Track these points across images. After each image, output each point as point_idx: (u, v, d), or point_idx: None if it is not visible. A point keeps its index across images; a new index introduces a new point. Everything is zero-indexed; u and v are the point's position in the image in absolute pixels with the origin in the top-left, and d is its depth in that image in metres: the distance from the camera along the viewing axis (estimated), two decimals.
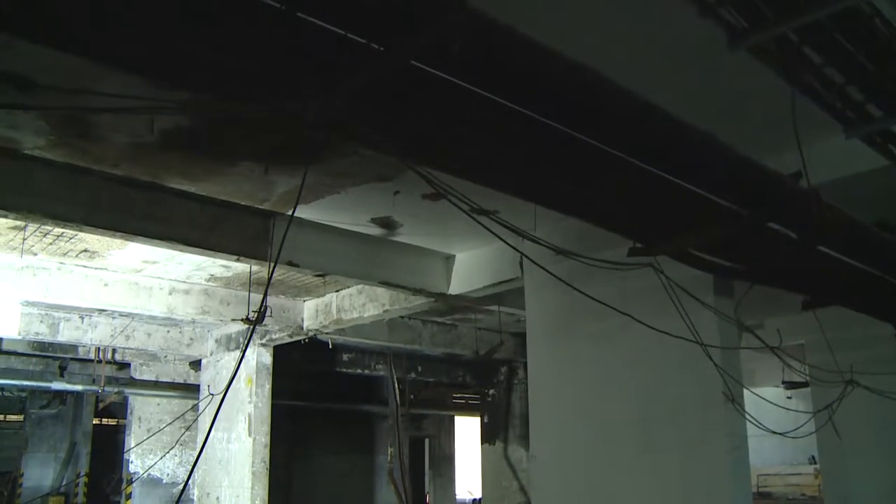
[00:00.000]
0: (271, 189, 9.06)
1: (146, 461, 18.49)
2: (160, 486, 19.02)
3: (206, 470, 16.24)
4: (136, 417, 19.27)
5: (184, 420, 17.56)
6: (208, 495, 16.46)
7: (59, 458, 26.73)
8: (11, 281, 12.19)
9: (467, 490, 27.88)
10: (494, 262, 11.20)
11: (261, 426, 15.52)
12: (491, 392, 22.01)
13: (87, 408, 26.44)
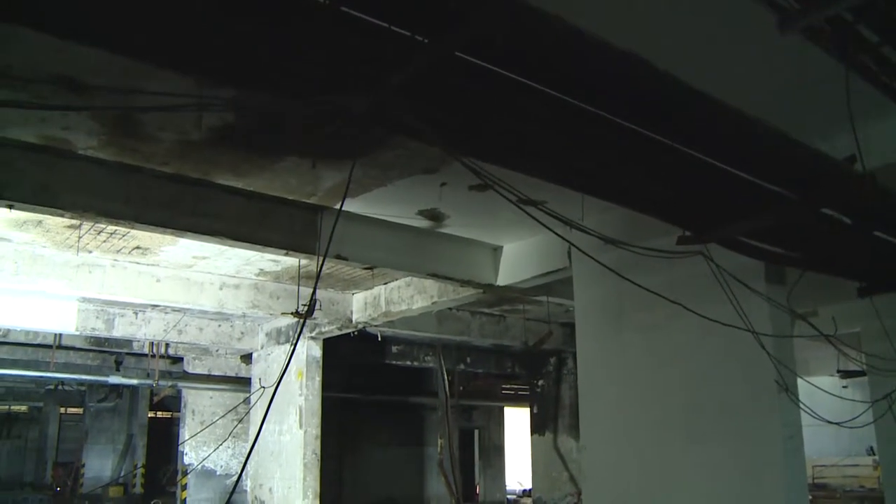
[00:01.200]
0: (318, 183, 9.11)
1: (200, 453, 18.77)
2: (214, 477, 19.30)
3: (259, 462, 16.45)
4: (189, 410, 19.57)
5: (236, 413, 17.79)
6: (261, 486, 16.67)
7: (117, 449, 27.34)
8: (68, 278, 12.45)
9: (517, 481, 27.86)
10: (542, 253, 11.14)
11: (311, 418, 15.66)
12: (540, 383, 21.97)
13: (143, 401, 26.99)
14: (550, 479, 20.96)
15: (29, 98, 6.84)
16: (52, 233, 11.40)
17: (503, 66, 4.04)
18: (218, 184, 9.15)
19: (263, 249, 10.40)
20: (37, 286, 12.41)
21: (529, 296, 13.52)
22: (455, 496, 16.83)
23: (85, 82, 6.33)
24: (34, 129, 7.84)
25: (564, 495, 20.28)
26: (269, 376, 16.39)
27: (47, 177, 8.36)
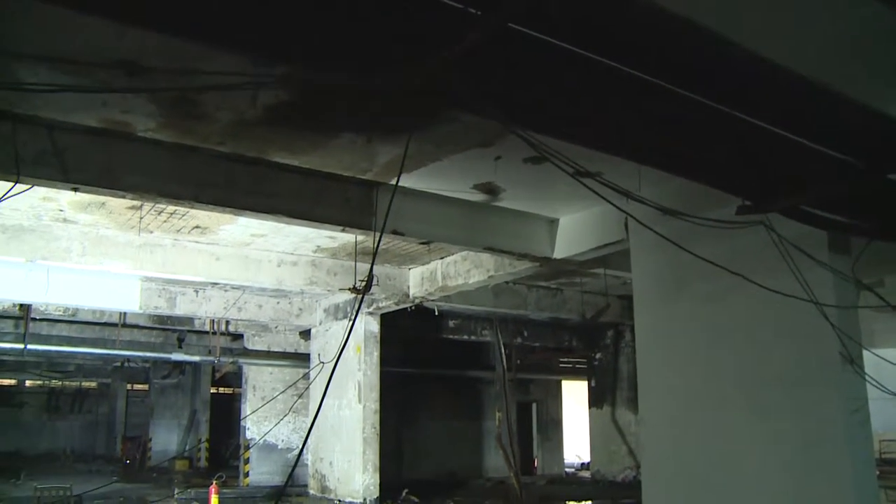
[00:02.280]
0: (374, 159, 9.13)
1: (262, 428, 19.10)
2: (275, 451, 19.63)
3: (319, 436, 16.69)
4: (250, 386, 19.91)
5: (296, 388, 18.05)
6: (321, 460, 16.93)
7: (181, 424, 28.00)
8: (131, 258, 12.73)
9: (575, 454, 27.81)
10: (599, 225, 11.03)
11: (370, 393, 15.82)
12: (598, 356, 21.87)
13: (205, 377, 27.55)
14: (609, 452, 20.91)
15: (91, 83, 6.96)
16: (115, 214, 11.64)
17: (558, 37, 3.99)
18: (274, 162, 9.23)
19: (320, 226, 10.49)
20: (102, 266, 12.72)
21: (586, 268, 13.43)
22: (513, 469, 16.88)
23: (143, 66, 6.41)
24: (96, 114, 7.99)
25: (623, 469, 20.23)
26: (327, 352, 16.58)
27: (109, 159, 8.53)
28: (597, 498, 17.16)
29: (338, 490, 16.15)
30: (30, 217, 11.82)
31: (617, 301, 17.39)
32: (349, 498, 15.64)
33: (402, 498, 15.83)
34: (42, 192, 10.33)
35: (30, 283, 14.42)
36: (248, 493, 17.92)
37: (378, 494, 15.44)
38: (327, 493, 16.51)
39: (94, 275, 14.64)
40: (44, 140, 8.10)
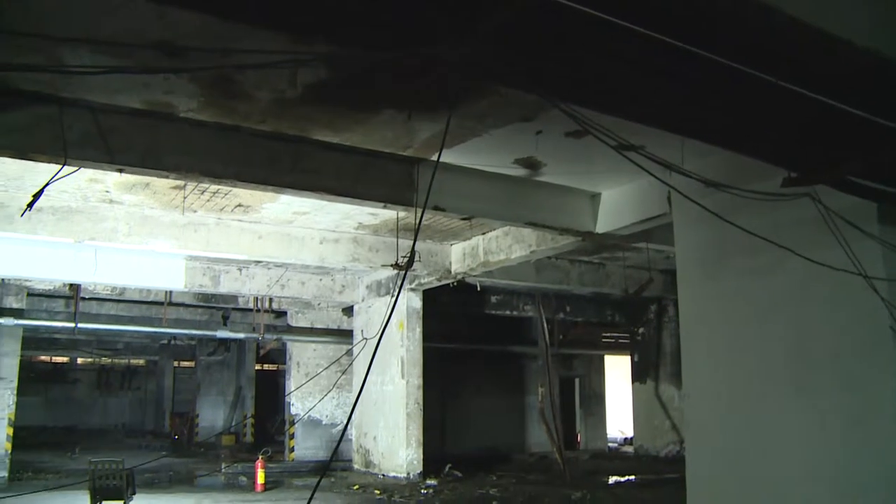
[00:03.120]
0: (414, 135, 9.12)
1: (306, 403, 19.31)
2: (320, 426, 19.85)
3: (363, 411, 16.84)
4: (294, 362, 20.11)
5: (339, 364, 18.20)
6: (365, 435, 17.09)
7: (227, 401, 28.43)
8: (176, 237, 12.88)
9: (618, 429, 27.76)
10: (641, 199, 10.93)
11: (413, 368, 15.91)
12: (641, 330, 21.75)
13: (250, 354, 27.90)
14: (652, 427, 20.83)
15: (133, 64, 7.03)
16: (160, 194, 11.79)
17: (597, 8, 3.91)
18: (315, 140, 9.27)
19: (362, 203, 10.53)
20: (147, 246, 12.90)
21: (629, 243, 13.32)
22: (556, 444, 16.89)
23: (184, 46, 6.45)
24: (139, 95, 8.09)
25: (666, 444, 20.14)
26: (370, 328, 16.69)
27: (152, 140, 8.63)
28: (640, 473, 17.11)
29: (382, 465, 16.30)
30: (77, 198, 12.03)
31: (660, 275, 17.25)
32: (393, 472, 15.78)
33: (445, 472, 15.93)
34: (89, 174, 10.50)
35: (78, 263, 14.68)
36: (293, 467, 18.16)
37: (421, 469, 15.56)
38: (371, 468, 16.67)
39: (140, 254, 14.87)
40: (89, 122, 8.22)
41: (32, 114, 8.06)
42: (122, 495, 8.74)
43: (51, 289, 17.78)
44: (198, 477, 16.37)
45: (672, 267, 11.06)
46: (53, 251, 14.39)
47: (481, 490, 13.94)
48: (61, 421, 34.01)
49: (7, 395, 15.93)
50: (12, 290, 16.58)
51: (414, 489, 14.03)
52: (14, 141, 8.12)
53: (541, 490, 13.98)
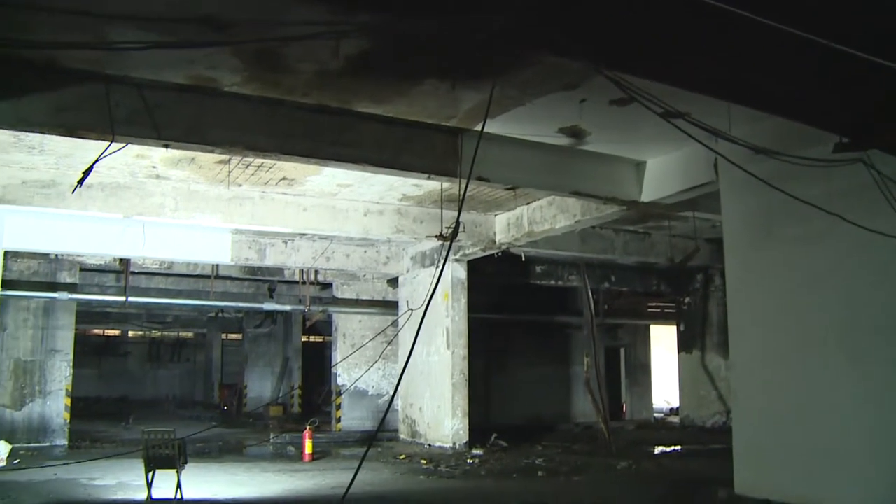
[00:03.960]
0: (457, 105, 9.08)
1: (352, 374, 19.48)
2: (366, 397, 20.03)
3: (409, 382, 16.94)
4: (340, 334, 20.27)
5: (384, 335, 18.32)
6: (411, 406, 17.21)
7: (274, 372, 28.80)
8: (221, 211, 13.01)
9: (664, 399, 27.62)
10: (687, 167, 10.78)
11: (458, 339, 15.95)
12: (687, 300, 21.55)
13: (296, 326, 28.19)
14: (698, 397, 20.69)
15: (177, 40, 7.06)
16: (205, 169, 11.90)
17: None
18: (358, 112, 9.27)
19: (405, 174, 10.54)
20: (194, 220, 13.05)
21: (675, 211, 13.18)
22: (601, 414, 16.87)
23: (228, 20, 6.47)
24: (183, 71, 8.15)
25: (713, 414, 20.00)
26: (415, 299, 16.75)
27: (197, 115, 8.72)
28: (686, 443, 17.02)
29: (427, 435, 16.43)
30: (125, 174, 12.20)
31: (706, 244, 17.04)
32: (439, 443, 15.89)
33: (490, 443, 15.99)
34: (136, 150, 10.63)
35: (127, 238, 14.94)
36: (340, 437, 18.37)
37: (467, 439, 15.64)
38: (417, 438, 16.81)
39: (186, 228, 15.07)
40: (135, 99, 8.32)
41: (80, 92, 8.19)
42: (174, 464, 8.92)
43: (102, 264, 18.10)
44: (247, 447, 16.65)
45: (718, 236, 10.93)
46: (104, 227, 14.67)
47: (527, 460, 13.99)
48: (114, 392, 34.82)
49: (64, 367, 16.35)
50: (66, 265, 16.93)
51: (460, 459, 14.12)
52: (64, 119, 8.27)
53: (586, 460, 13.99)
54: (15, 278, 16.02)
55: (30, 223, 14.29)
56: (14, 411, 15.81)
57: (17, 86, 8.00)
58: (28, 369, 16.10)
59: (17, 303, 16.17)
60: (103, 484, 10.77)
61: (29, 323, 16.29)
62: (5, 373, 15.76)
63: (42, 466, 12.54)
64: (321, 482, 11.20)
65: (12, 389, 15.87)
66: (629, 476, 12.33)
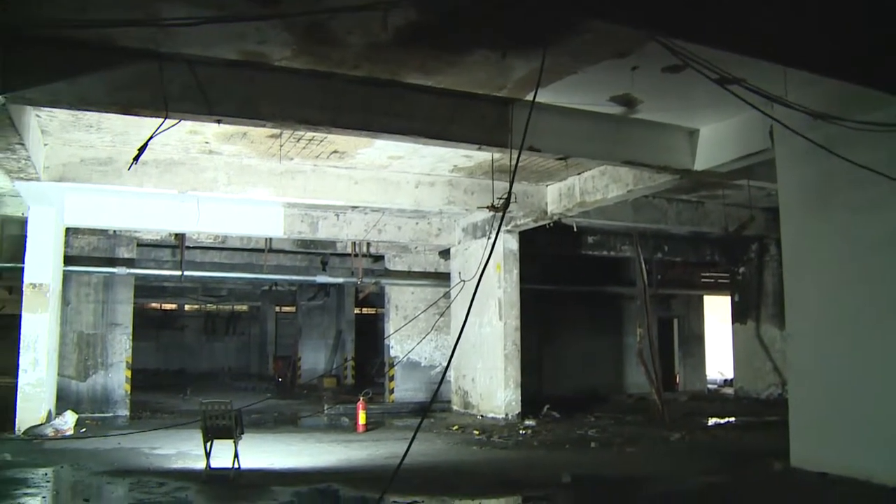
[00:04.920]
0: (508, 75, 9.01)
1: (405, 346, 19.61)
2: (419, 368, 20.16)
3: (461, 353, 16.99)
4: (392, 306, 20.40)
5: (437, 307, 18.39)
6: (464, 377, 17.29)
7: (328, 344, 29.14)
8: (274, 185, 13.14)
9: (718, 370, 27.36)
10: (742, 134, 10.59)
11: (510, 310, 15.95)
12: (741, 270, 21.25)
13: (349, 298, 28.45)
14: (753, 369, 20.44)
15: (227, 15, 7.11)
16: (257, 143, 12.01)
17: None
18: (408, 83, 9.27)
19: (456, 145, 10.52)
20: (246, 194, 13.21)
21: (729, 180, 12.96)
22: (654, 386, 16.76)
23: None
24: (234, 46, 8.22)
25: (768, 385, 19.77)
26: (467, 270, 16.76)
27: (248, 90, 8.81)
28: (740, 415, 16.84)
29: (480, 406, 16.50)
30: (179, 150, 12.38)
31: (761, 213, 16.75)
32: (491, 413, 15.96)
33: (543, 413, 16.01)
34: (189, 126, 10.77)
35: (182, 214, 15.22)
36: (393, 408, 18.55)
37: (520, 410, 15.67)
38: (470, 409, 16.90)
39: (239, 203, 15.27)
40: (187, 76, 8.43)
41: (135, 70, 8.33)
42: (231, 434, 9.07)
43: (158, 239, 18.45)
44: (301, 418, 16.89)
45: (774, 204, 10.73)
46: (159, 202, 14.96)
47: (579, 431, 13.97)
48: (172, 364, 35.65)
49: (124, 340, 16.75)
50: (123, 241, 17.28)
51: (512, 430, 14.16)
52: (119, 97, 8.43)
53: (639, 431, 13.93)
54: (76, 254, 16.44)
55: (89, 200, 14.66)
56: (79, 382, 16.28)
57: (75, 66, 8.19)
58: (90, 342, 16.54)
59: (79, 278, 16.57)
60: (164, 453, 11.03)
61: (90, 297, 16.70)
62: (70, 345, 16.21)
63: (106, 435, 12.89)
64: (375, 452, 11.32)
65: (77, 361, 16.33)
66: (682, 447, 12.26)
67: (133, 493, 8.34)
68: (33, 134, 10.67)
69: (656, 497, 8.46)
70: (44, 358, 13.40)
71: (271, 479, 9.12)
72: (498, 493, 8.65)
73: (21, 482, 8.85)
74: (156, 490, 8.38)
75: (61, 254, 14.59)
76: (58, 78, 8.16)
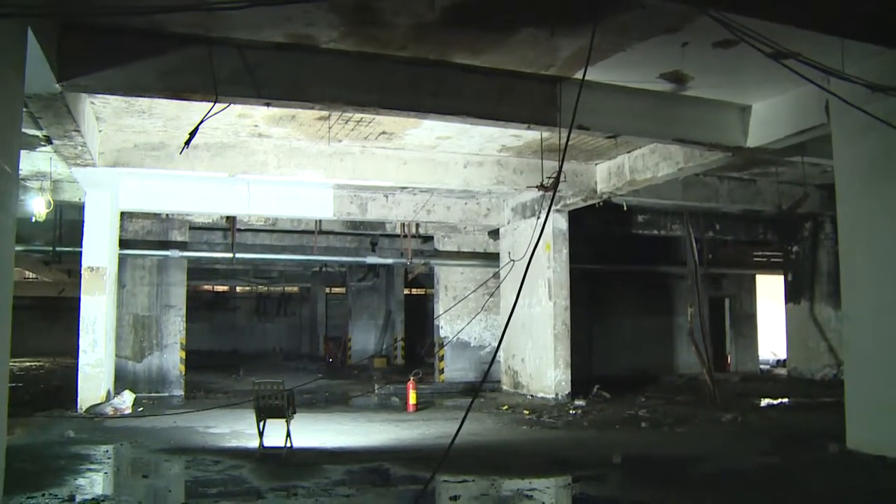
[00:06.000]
0: (556, 53, 8.94)
1: (454, 326, 19.64)
2: (468, 348, 20.18)
3: (510, 333, 16.97)
4: (442, 286, 20.42)
5: (486, 287, 18.39)
6: (513, 357, 17.29)
7: (377, 324, 29.37)
8: (323, 167, 13.24)
9: (770, 351, 26.98)
10: (796, 110, 10.36)
11: (560, 290, 15.89)
12: (795, 249, 20.90)
13: (398, 279, 28.60)
14: (807, 349, 20.13)
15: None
16: (305, 126, 12.09)
17: None
18: (455, 63, 9.24)
19: (505, 125, 10.49)
20: (296, 176, 13.32)
21: (782, 157, 12.71)
22: (706, 366, 16.58)
23: None
24: (281, 29, 8.27)
25: (822, 366, 19.45)
26: (516, 250, 16.72)
27: (296, 73, 8.87)
28: (794, 396, 16.59)
29: (530, 386, 16.50)
30: (229, 134, 12.52)
31: (816, 190, 16.41)
32: (541, 393, 15.95)
33: (593, 393, 15.95)
34: (238, 110, 10.88)
35: (233, 196, 15.42)
36: (443, 388, 18.62)
37: (569, 390, 15.63)
38: (519, 389, 16.90)
39: (289, 185, 15.42)
40: (236, 59, 8.53)
41: (184, 55, 8.45)
42: (284, 414, 9.20)
43: (210, 222, 18.71)
44: (352, 398, 17.06)
45: (829, 181, 10.50)
46: (210, 186, 15.17)
47: (630, 411, 13.91)
48: (224, 345, 36.23)
49: (178, 322, 17.06)
50: (176, 224, 17.56)
51: (562, 409, 14.14)
52: (170, 82, 8.55)
53: (690, 411, 13.82)
54: (131, 238, 16.77)
55: (142, 185, 14.95)
56: (135, 363, 16.65)
57: (127, 53, 8.34)
58: (146, 324, 16.88)
59: (134, 261, 16.91)
60: (218, 432, 11.23)
61: (145, 280, 17.03)
62: (126, 327, 16.57)
63: (162, 414, 13.18)
64: (425, 432, 11.39)
65: (133, 343, 16.70)
66: (734, 428, 12.13)
67: (189, 471, 8.53)
68: (88, 121, 10.88)
69: (709, 478, 8.39)
70: (102, 339, 13.74)
71: (323, 457, 9.24)
72: (548, 472, 8.66)
73: (85, 458, 9.17)
74: (211, 468, 8.55)
75: (117, 238, 14.90)
76: (110, 65, 8.31)
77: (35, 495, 6.98)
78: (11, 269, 6.26)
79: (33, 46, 6.80)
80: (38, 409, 13.36)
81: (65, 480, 7.85)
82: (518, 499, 7.35)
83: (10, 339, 6.05)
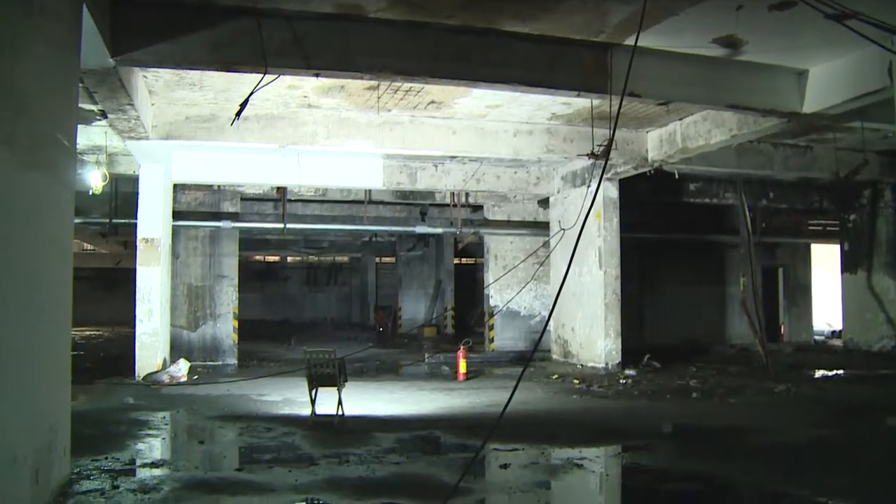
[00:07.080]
0: (605, 19, 8.80)
1: (504, 295, 19.64)
2: (518, 317, 20.17)
3: (561, 302, 16.81)
4: (492, 255, 20.40)
5: (536, 256, 18.33)
6: (563, 326, 17.24)
7: (427, 294, 29.48)
8: (372, 137, 13.26)
9: (825, 322, 26.52)
10: (856, 73, 10.06)
11: (611, 259, 15.77)
12: (852, 217, 20.44)
13: (448, 248, 28.63)
14: (864, 321, 19.74)
15: None
16: (354, 96, 12.10)
17: None
18: (504, 31, 9.16)
19: (555, 93, 10.39)
20: (345, 147, 13.38)
21: (840, 122, 12.40)
22: (758, 336, 16.37)
23: None
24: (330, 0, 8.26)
25: (880, 338, 19.07)
26: (566, 219, 16.62)
27: (345, 43, 8.86)
28: (850, 368, 16.30)
29: (580, 355, 16.45)
30: (279, 105, 12.59)
31: (876, 157, 15.95)
32: (591, 363, 15.90)
33: (643, 363, 15.86)
34: (287, 81, 10.92)
35: (283, 167, 15.55)
36: (493, 357, 18.67)
37: (620, 359, 15.56)
38: (570, 358, 16.86)
39: (339, 155, 15.49)
40: (285, 30, 8.54)
41: (233, 27, 8.49)
42: (335, 382, 9.31)
43: (260, 193, 18.91)
44: (403, 366, 17.20)
45: (891, 147, 10.24)
46: (261, 157, 15.31)
47: (680, 381, 13.82)
48: (276, 315, 36.74)
49: (231, 292, 17.34)
50: (227, 195, 17.78)
51: (612, 379, 14.10)
52: (220, 55, 8.62)
53: (742, 382, 13.68)
54: (184, 209, 17.03)
55: (194, 157, 15.15)
56: (190, 332, 16.98)
57: (177, 26, 8.41)
58: (199, 294, 17.19)
59: (187, 232, 17.18)
60: (271, 400, 11.42)
61: (198, 251, 17.31)
62: (180, 297, 16.89)
63: (217, 382, 13.44)
64: (475, 400, 11.45)
65: (187, 312, 17.02)
66: (788, 400, 11.98)
67: (243, 437, 8.70)
68: (141, 94, 11.03)
69: (761, 449, 8.31)
70: (157, 309, 14.03)
71: (374, 425, 9.35)
72: (598, 442, 8.66)
73: (143, 424, 9.44)
74: (264, 434, 8.71)
75: (170, 209, 15.15)
76: (161, 38, 8.40)
77: (99, 458, 7.23)
78: (71, 242, 6.40)
79: (88, 21, 6.90)
80: (99, 376, 13.73)
81: (125, 445, 8.10)
82: (568, 467, 7.38)
83: (72, 309, 6.21)
